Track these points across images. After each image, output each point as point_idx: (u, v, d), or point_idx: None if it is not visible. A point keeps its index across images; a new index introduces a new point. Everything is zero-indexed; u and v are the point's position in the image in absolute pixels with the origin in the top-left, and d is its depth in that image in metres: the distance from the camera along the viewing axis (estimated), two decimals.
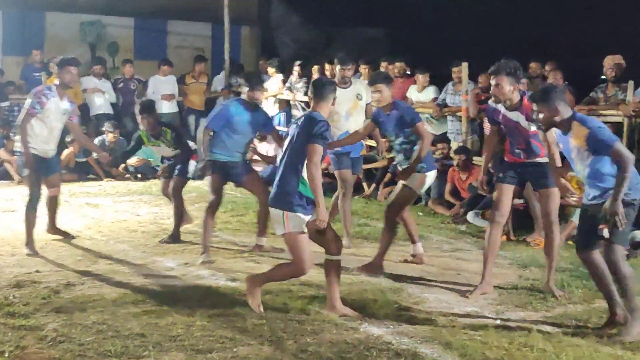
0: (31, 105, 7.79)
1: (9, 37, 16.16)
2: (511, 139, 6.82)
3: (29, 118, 7.79)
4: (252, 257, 7.97)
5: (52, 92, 7.89)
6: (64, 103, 7.97)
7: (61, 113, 7.96)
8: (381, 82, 7.46)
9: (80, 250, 8.05)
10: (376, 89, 7.46)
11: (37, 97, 7.83)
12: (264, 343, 5.35)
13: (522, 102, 6.60)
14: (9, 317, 5.73)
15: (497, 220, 6.76)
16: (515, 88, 6.62)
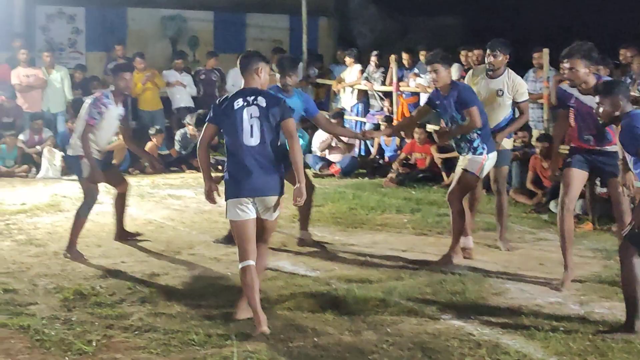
0: (90, 116, 7.69)
1: (92, 33, 16.50)
2: (582, 124, 6.55)
3: (89, 129, 7.67)
4: (331, 247, 7.99)
5: (109, 100, 7.84)
6: (119, 108, 7.98)
7: (116, 118, 7.98)
8: (438, 62, 7.20)
9: (164, 241, 8.19)
10: (432, 68, 7.23)
11: (97, 107, 7.75)
12: (344, 333, 5.38)
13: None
14: (96, 307, 5.88)
15: (567, 205, 6.51)
16: (590, 71, 6.37)
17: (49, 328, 5.38)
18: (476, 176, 7.33)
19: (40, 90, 13.81)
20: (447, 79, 7.23)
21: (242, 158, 5.50)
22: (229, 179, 5.58)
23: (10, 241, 8.06)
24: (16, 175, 12.64)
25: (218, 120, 5.61)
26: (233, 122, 5.51)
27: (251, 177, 5.46)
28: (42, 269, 7.00)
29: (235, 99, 5.57)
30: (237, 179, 5.51)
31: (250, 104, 5.55)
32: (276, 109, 5.56)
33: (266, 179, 5.49)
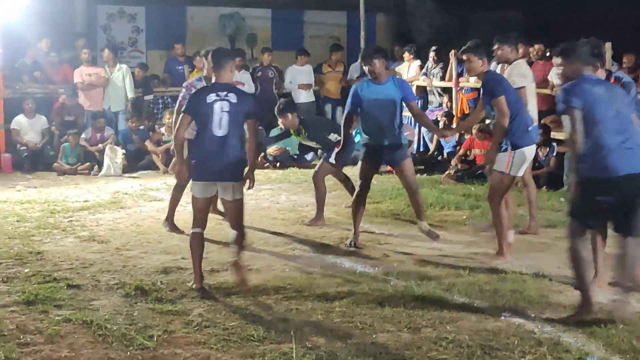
0: (183, 97, 8.20)
1: (152, 32, 16.72)
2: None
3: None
4: (388, 243, 7.98)
5: (202, 82, 8.16)
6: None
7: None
8: (469, 51, 7.18)
9: (223, 238, 8.25)
10: (466, 57, 7.23)
11: (188, 89, 8.14)
12: (403, 330, 5.37)
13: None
14: (157, 303, 5.95)
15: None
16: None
17: (111, 323, 5.46)
18: (506, 174, 7.16)
19: (102, 89, 14.02)
20: (479, 68, 7.17)
21: (208, 146, 6.27)
22: (196, 163, 6.39)
23: (73, 238, 8.20)
24: (79, 173, 12.86)
25: (193, 111, 6.35)
26: (205, 113, 6.27)
27: (214, 164, 6.27)
28: (105, 265, 7.11)
29: (209, 93, 6.34)
30: (203, 164, 6.32)
31: (222, 98, 6.30)
32: (244, 106, 6.39)
33: (227, 167, 6.28)
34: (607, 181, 5.42)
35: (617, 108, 5.54)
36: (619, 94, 5.77)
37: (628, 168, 5.40)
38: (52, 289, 6.25)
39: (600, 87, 5.61)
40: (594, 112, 5.46)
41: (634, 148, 5.46)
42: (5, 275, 6.70)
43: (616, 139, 5.44)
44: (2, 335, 5.21)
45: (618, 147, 5.43)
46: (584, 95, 5.51)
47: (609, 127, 5.46)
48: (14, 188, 11.39)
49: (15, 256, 7.35)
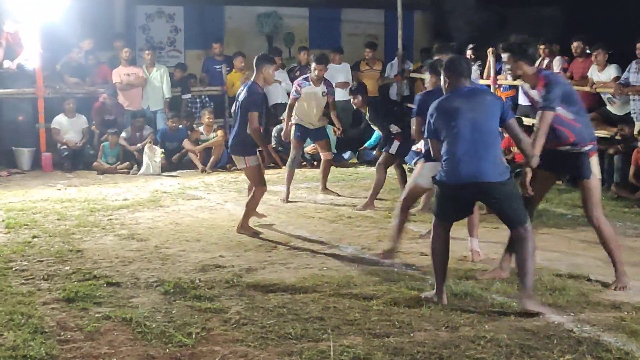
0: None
1: (190, 31, 16.79)
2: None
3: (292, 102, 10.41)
4: (427, 242, 7.92)
5: (307, 82, 10.32)
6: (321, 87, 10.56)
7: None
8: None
9: (261, 236, 8.28)
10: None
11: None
12: (441, 329, 5.34)
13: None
14: (195, 300, 5.98)
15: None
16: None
17: (150, 320, 5.50)
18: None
19: (141, 88, 14.13)
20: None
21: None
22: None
23: (113, 236, 8.28)
24: (118, 172, 12.98)
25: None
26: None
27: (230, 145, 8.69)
28: (144, 263, 7.17)
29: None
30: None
31: (239, 95, 8.48)
32: (246, 102, 8.28)
33: (235, 147, 8.50)
34: (449, 186, 5.89)
35: (476, 118, 5.81)
36: (485, 106, 5.87)
37: (453, 179, 5.82)
38: (92, 286, 6.32)
39: (467, 98, 5.89)
40: (455, 120, 5.84)
41: (466, 161, 5.78)
42: (46, 273, 6.78)
43: (461, 149, 5.79)
44: (43, 332, 5.27)
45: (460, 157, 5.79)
46: (435, 105, 6.01)
47: (457, 138, 5.81)
48: (55, 187, 11.53)
49: (55, 254, 7.44)
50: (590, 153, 6.24)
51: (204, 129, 13.78)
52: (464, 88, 6.00)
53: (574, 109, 6.18)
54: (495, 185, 5.77)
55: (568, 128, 6.17)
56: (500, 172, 5.81)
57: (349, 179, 12.09)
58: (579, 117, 6.22)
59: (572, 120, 6.16)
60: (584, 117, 6.31)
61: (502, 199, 5.83)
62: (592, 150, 6.26)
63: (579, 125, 6.20)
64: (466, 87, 6.02)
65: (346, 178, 12.17)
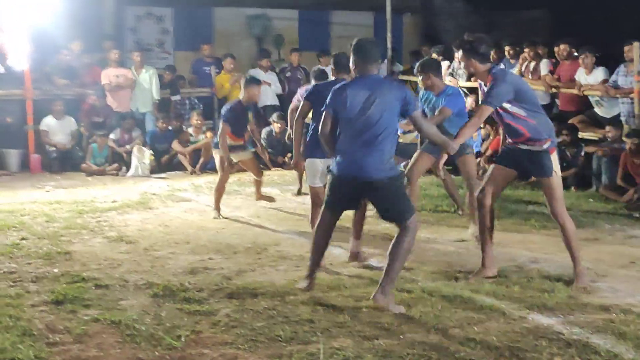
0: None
1: (179, 33, 16.79)
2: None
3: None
4: (417, 245, 7.92)
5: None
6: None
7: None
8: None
9: (250, 238, 8.28)
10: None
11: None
12: (430, 331, 5.34)
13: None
14: (184, 303, 5.97)
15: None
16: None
17: (139, 323, 5.48)
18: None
19: (130, 90, 14.11)
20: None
21: None
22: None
23: (101, 238, 8.26)
24: (107, 173, 12.97)
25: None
26: None
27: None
28: (133, 266, 7.15)
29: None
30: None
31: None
32: (223, 111, 9.24)
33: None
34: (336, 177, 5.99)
35: (369, 110, 5.83)
36: (379, 94, 5.87)
37: (338, 171, 5.94)
38: (81, 288, 6.29)
39: (365, 86, 5.91)
40: (347, 108, 5.91)
41: (350, 153, 5.87)
42: (35, 275, 6.76)
43: (348, 142, 5.88)
44: (32, 335, 5.25)
45: (347, 150, 5.89)
46: (336, 88, 6.07)
47: (346, 130, 5.90)
48: (43, 188, 11.50)
49: (44, 256, 7.41)
50: (550, 150, 6.35)
51: (193, 131, 13.77)
52: (371, 76, 6.00)
53: (528, 105, 6.30)
54: (378, 182, 5.82)
55: (521, 124, 6.30)
56: (385, 169, 5.84)
57: None
58: (534, 114, 6.33)
59: (525, 116, 6.28)
60: (539, 114, 6.40)
61: (386, 196, 5.89)
62: (552, 147, 6.37)
63: (533, 122, 6.31)
64: (372, 75, 6.02)
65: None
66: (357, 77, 6.06)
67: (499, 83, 6.19)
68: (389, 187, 5.86)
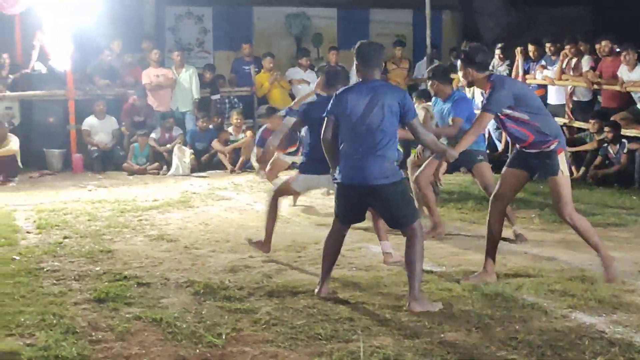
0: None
1: (219, 32, 16.87)
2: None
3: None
4: (457, 242, 7.90)
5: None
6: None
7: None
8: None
9: (290, 236, 8.29)
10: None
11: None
12: (471, 329, 5.31)
13: None
14: (225, 301, 5.99)
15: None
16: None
17: (180, 321, 5.52)
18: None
19: (170, 89, 14.21)
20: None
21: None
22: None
23: (143, 236, 8.32)
24: (148, 172, 13.07)
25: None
26: None
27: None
28: (173, 264, 7.20)
29: None
30: None
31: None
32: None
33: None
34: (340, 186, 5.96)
35: (370, 117, 5.80)
36: (378, 99, 5.84)
37: (342, 179, 5.90)
38: (123, 287, 6.35)
39: (365, 93, 5.88)
40: (348, 115, 5.87)
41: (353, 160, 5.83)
42: (78, 273, 6.83)
43: (350, 148, 5.85)
44: (75, 332, 5.31)
45: (348, 156, 5.86)
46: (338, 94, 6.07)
47: (347, 136, 5.86)
48: (85, 188, 11.62)
49: (87, 254, 7.49)
50: (557, 150, 6.33)
51: (232, 130, 13.82)
52: (373, 81, 5.99)
53: (530, 109, 6.32)
54: (381, 187, 5.79)
55: (526, 128, 6.32)
56: (387, 175, 5.80)
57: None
58: (537, 116, 6.33)
59: (528, 120, 6.29)
60: (543, 116, 6.41)
61: (389, 201, 5.85)
62: (559, 147, 6.35)
63: (537, 124, 6.32)
64: (374, 80, 6.00)
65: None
66: (359, 82, 6.08)
67: (498, 90, 6.23)
68: (392, 192, 5.84)
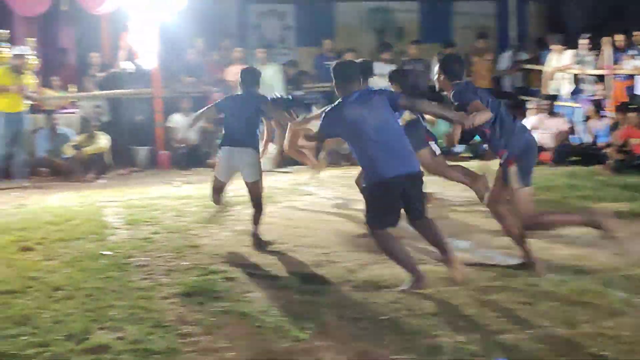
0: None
1: (301, 28, 16.94)
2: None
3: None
4: (543, 237, 7.75)
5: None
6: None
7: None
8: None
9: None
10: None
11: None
12: (559, 326, 5.22)
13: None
14: (310, 295, 6.02)
15: None
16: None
17: (266, 315, 5.57)
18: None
19: None
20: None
21: None
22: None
23: (228, 232, 8.42)
24: None
25: None
26: None
27: None
28: (258, 259, 7.26)
29: None
30: None
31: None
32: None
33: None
34: (383, 183, 6.03)
35: (375, 119, 6.08)
36: (375, 105, 6.14)
37: (391, 171, 6.00)
38: (210, 281, 6.45)
39: (358, 104, 6.15)
40: (356, 127, 6.09)
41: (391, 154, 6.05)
42: (166, 268, 6.96)
43: (377, 148, 6.04)
44: (163, 326, 5.40)
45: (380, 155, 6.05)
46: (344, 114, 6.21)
47: (371, 138, 6.05)
48: (172, 184, 11.82)
49: (174, 249, 7.62)
50: (508, 162, 6.35)
51: (314, 126, 13.84)
52: (354, 93, 6.24)
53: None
54: (420, 174, 6.18)
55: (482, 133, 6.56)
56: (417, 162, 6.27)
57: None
58: (490, 126, 6.36)
59: (485, 128, 6.39)
60: (495, 126, 6.40)
61: (421, 188, 6.21)
62: (509, 159, 6.35)
63: (489, 132, 6.42)
64: (355, 92, 6.25)
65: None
66: (344, 98, 6.26)
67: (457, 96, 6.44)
68: (422, 179, 6.22)
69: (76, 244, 7.89)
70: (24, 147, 12.19)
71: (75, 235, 8.21)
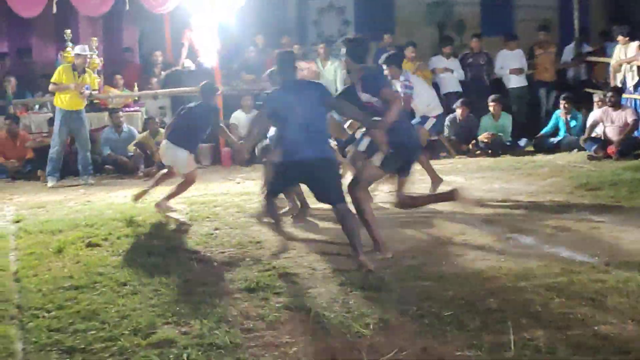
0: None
1: (360, 23, 16.91)
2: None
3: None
4: (609, 232, 7.63)
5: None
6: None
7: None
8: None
9: (436, 227, 8.21)
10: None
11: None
12: (627, 322, 5.14)
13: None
14: (372, 291, 6.01)
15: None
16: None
17: (328, 311, 5.58)
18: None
19: None
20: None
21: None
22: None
23: (289, 227, 8.43)
24: None
25: None
26: None
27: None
28: (320, 254, 7.26)
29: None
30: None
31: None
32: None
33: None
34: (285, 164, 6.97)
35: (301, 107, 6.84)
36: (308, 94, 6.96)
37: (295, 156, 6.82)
38: (272, 276, 6.49)
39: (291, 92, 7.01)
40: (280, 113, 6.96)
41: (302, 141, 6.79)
42: (229, 263, 7.02)
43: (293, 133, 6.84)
44: (227, 321, 5.46)
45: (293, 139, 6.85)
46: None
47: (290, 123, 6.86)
48: (234, 180, 11.90)
49: (236, 245, 7.68)
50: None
51: None
52: (291, 81, 7.15)
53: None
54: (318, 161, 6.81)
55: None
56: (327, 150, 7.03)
57: (525, 167, 11.80)
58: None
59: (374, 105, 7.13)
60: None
61: (321, 176, 6.89)
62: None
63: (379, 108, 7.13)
64: (293, 80, 7.19)
65: (522, 167, 11.89)
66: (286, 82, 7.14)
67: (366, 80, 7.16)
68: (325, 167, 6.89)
69: (140, 240, 8.01)
70: (86, 145, 12.37)
71: (140, 232, 8.33)
